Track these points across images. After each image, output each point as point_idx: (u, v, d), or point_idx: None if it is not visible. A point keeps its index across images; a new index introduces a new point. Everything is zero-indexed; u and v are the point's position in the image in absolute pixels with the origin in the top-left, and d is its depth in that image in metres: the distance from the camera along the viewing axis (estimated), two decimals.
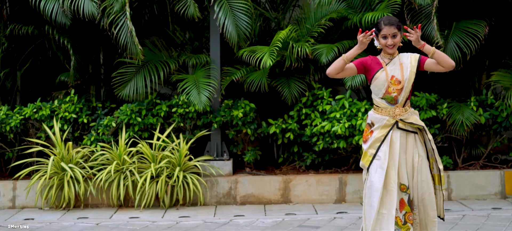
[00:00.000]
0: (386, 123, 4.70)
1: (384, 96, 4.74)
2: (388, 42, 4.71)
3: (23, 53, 8.69)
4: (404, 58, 4.79)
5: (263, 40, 8.44)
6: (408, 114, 4.72)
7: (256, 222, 6.90)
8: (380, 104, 4.76)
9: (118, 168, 7.62)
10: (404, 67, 4.72)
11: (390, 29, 4.69)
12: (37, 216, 7.36)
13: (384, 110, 4.74)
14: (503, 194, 7.80)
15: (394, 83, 4.68)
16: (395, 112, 4.70)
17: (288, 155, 8.34)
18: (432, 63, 4.74)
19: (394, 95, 4.69)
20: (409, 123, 4.70)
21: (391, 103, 4.72)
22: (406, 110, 4.71)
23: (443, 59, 4.63)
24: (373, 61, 4.82)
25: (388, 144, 4.68)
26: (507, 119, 7.86)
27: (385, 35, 4.71)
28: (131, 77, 8.05)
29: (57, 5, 7.87)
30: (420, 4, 7.63)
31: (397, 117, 4.69)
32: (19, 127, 8.01)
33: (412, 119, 4.72)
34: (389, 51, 4.76)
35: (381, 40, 4.73)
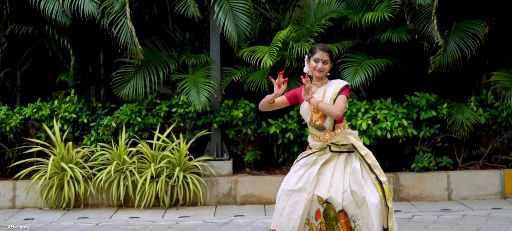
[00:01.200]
0: (318, 148, 4.84)
1: (310, 124, 4.85)
2: (318, 66, 4.76)
3: (23, 53, 8.69)
4: (331, 86, 4.84)
5: (263, 40, 8.44)
6: (340, 137, 4.79)
7: (256, 222, 6.90)
8: (312, 131, 4.88)
9: (118, 168, 7.63)
10: (326, 95, 4.78)
11: (323, 55, 4.76)
12: (37, 216, 7.36)
13: (315, 137, 4.86)
14: (503, 194, 7.80)
15: (316, 112, 4.78)
16: (325, 138, 4.80)
17: (288, 155, 8.34)
18: (338, 100, 4.78)
19: (319, 123, 4.79)
20: (341, 145, 4.79)
21: (319, 130, 4.82)
22: (337, 134, 4.78)
23: (326, 111, 4.68)
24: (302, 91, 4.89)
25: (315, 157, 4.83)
26: (507, 119, 7.86)
27: (317, 59, 4.77)
28: (130, 77, 8.05)
29: (57, 5, 7.87)
30: (420, 4, 7.62)
31: (328, 141, 4.80)
32: (19, 127, 8.01)
33: (344, 141, 4.79)
34: (317, 75, 4.80)
35: (312, 63, 4.79)
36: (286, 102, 4.94)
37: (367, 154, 4.76)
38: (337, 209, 4.71)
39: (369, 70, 7.67)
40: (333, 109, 4.66)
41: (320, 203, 4.74)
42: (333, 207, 4.72)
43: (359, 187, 4.69)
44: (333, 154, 4.81)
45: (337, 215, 4.71)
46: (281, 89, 4.75)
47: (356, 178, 4.71)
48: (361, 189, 4.68)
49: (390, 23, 8.09)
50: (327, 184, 4.75)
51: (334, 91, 4.76)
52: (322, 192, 4.75)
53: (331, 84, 4.84)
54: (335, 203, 4.69)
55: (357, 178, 4.71)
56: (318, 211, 4.77)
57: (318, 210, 4.76)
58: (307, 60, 4.85)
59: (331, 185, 4.74)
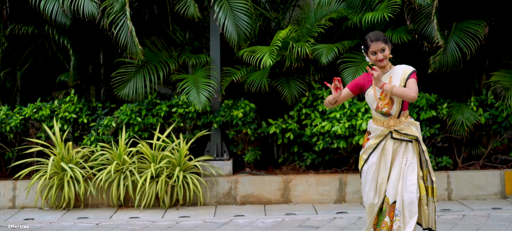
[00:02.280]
0: (380, 133, 4.88)
1: (376, 110, 4.90)
2: (378, 56, 4.81)
3: (23, 53, 8.69)
4: (396, 72, 4.87)
5: (263, 40, 8.44)
6: (404, 125, 4.85)
7: (256, 222, 6.90)
8: (375, 116, 4.94)
9: (118, 168, 7.62)
10: (392, 81, 4.82)
11: (377, 45, 4.79)
12: (37, 216, 7.36)
13: (379, 122, 4.91)
14: (503, 194, 7.80)
15: (383, 99, 4.84)
16: (389, 124, 4.86)
17: (288, 155, 8.34)
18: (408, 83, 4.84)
19: (385, 110, 4.84)
20: (404, 133, 4.84)
21: (385, 115, 4.87)
22: (401, 122, 4.84)
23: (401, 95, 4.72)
24: (366, 78, 4.98)
25: (380, 152, 4.89)
26: (507, 119, 7.86)
27: (374, 51, 4.81)
28: (130, 77, 8.05)
29: (57, 5, 7.87)
30: (420, 4, 7.62)
31: (391, 128, 4.85)
32: (19, 127, 8.01)
33: (407, 129, 4.84)
34: (381, 65, 4.85)
35: (371, 56, 4.84)
36: (350, 95, 5.02)
37: (426, 151, 4.87)
38: (391, 201, 4.81)
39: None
40: (408, 92, 4.69)
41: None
42: (387, 200, 4.83)
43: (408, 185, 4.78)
44: (395, 142, 4.85)
45: (389, 207, 4.81)
46: (338, 93, 4.81)
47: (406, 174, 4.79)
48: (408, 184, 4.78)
49: (390, 23, 8.09)
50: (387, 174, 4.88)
51: (401, 78, 4.80)
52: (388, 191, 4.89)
53: (396, 71, 4.86)
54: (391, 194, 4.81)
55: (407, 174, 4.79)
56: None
57: None
58: (365, 54, 4.90)
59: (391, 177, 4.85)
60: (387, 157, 4.89)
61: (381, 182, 4.89)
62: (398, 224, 4.80)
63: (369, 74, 4.92)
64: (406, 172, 4.82)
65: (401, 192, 4.81)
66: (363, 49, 4.91)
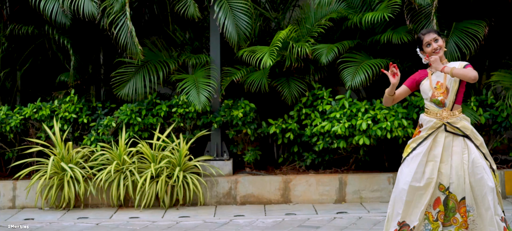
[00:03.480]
0: (433, 125, 4.87)
1: (431, 99, 4.92)
2: (433, 46, 4.89)
3: (23, 53, 8.69)
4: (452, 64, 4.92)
5: (263, 40, 8.44)
6: (457, 118, 4.86)
7: (256, 222, 6.90)
8: (429, 107, 4.94)
9: (118, 168, 7.63)
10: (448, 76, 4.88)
11: (430, 35, 4.90)
12: (37, 216, 7.36)
13: (432, 113, 4.91)
14: (503, 194, 7.80)
15: (439, 88, 4.88)
16: (442, 115, 4.87)
17: (288, 155, 8.34)
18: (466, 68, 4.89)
19: (441, 98, 4.86)
20: (456, 127, 4.84)
21: (439, 106, 4.89)
22: (454, 115, 4.86)
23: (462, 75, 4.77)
24: (421, 73, 5.05)
25: (430, 142, 4.86)
26: (507, 119, 7.86)
27: (428, 43, 4.90)
28: (130, 77, 8.05)
29: (57, 5, 7.87)
30: (420, 4, 7.63)
31: (444, 120, 4.86)
32: (19, 127, 8.01)
33: (460, 124, 4.84)
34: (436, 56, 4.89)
35: (426, 49, 4.92)
36: (408, 91, 5.06)
37: (481, 143, 4.85)
38: (459, 197, 4.76)
39: (369, 70, 7.67)
40: (469, 71, 4.73)
41: (442, 191, 4.79)
42: (454, 197, 4.77)
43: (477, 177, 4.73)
44: (448, 136, 4.83)
45: (458, 204, 4.75)
46: (396, 79, 4.85)
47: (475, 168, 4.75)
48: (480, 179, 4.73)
49: (390, 23, 8.09)
50: (448, 171, 4.81)
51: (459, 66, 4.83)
52: (444, 179, 4.80)
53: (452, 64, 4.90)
54: (458, 191, 4.75)
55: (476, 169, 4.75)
56: (437, 199, 4.80)
57: (438, 198, 4.80)
58: (419, 51, 4.98)
59: (452, 172, 4.79)
60: (437, 149, 4.84)
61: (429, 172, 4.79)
62: (473, 219, 4.76)
63: (423, 70, 5.03)
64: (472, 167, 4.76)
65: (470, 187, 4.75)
66: (417, 49, 4.99)
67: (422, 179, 4.79)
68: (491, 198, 4.72)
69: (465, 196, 4.75)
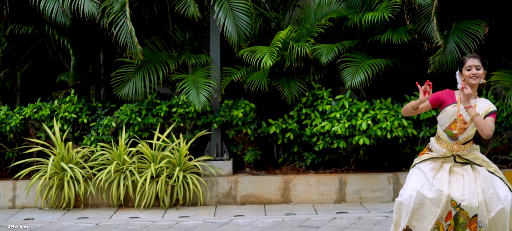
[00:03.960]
0: (442, 154, 4.82)
1: (446, 129, 4.83)
2: (473, 71, 4.73)
3: (23, 53, 8.69)
4: (481, 103, 4.81)
5: (263, 40, 8.44)
6: (467, 151, 4.81)
7: (256, 222, 6.90)
8: (441, 136, 4.86)
9: (118, 168, 7.63)
10: (477, 109, 4.72)
11: (474, 61, 4.74)
12: (37, 216, 7.36)
13: (443, 143, 4.84)
14: None
15: (461, 122, 4.75)
16: (453, 148, 4.80)
17: (288, 155, 8.34)
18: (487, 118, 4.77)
19: (455, 132, 4.78)
20: (466, 159, 4.81)
21: (451, 138, 4.81)
22: (466, 148, 4.79)
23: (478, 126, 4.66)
24: (449, 95, 4.89)
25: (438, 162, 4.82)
26: (507, 119, 7.86)
27: (469, 67, 4.75)
28: (130, 77, 8.05)
29: (57, 5, 7.88)
30: (420, 4, 7.63)
31: (454, 152, 4.80)
32: (19, 127, 8.01)
33: (470, 155, 4.81)
34: (472, 82, 4.74)
35: (465, 72, 4.76)
36: (429, 107, 4.94)
37: (495, 170, 4.80)
38: (470, 215, 4.67)
39: (369, 70, 7.67)
40: (486, 127, 4.61)
41: (453, 206, 4.69)
42: (465, 213, 4.68)
43: (491, 195, 4.67)
44: (457, 165, 4.80)
45: (469, 220, 4.67)
46: (426, 97, 4.74)
47: (487, 186, 4.69)
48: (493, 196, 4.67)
49: (390, 23, 8.09)
50: (461, 187, 4.73)
51: (484, 111, 4.72)
52: (456, 195, 4.70)
53: (481, 102, 4.80)
54: (470, 208, 4.65)
55: (488, 186, 4.69)
56: (449, 213, 4.71)
57: (449, 212, 4.71)
58: (459, 74, 4.82)
59: (464, 189, 4.71)
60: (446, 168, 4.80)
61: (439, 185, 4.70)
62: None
63: (452, 92, 4.88)
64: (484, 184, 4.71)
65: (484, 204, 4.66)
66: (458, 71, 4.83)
67: (430, 189, 4.69)
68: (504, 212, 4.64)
69: (478, 213, 4.67)
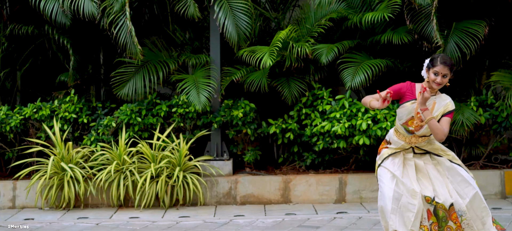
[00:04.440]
0: (400, 147, 4.84)
1: (403, 124, 4.81)
2: (437, 80, 4.67)
3: (23, 53, 8.69)
4: (441, 100, 4.78)
5: (263, 40, 8.44)
6: (425, 142, 4.82)
7: (256, 222, 6.90)
8: (399, 129, 4.86)
9: (118, 168, 7.63)
10: (435, 108, 4.72)
11: (443, 69, 4.66)
12: (37, 216, 7.36)
13: (401, 136, 4.85)
14: (503, 194, 7.80)
15: (418, 119, 4.72)
16: (411, 140, 4.81)
17: (288, 155, 8.34)
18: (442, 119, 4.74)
19: (412, 129, 4.77)
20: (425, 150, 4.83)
21: (408, 133, 4.81)
22: (424, 139, 4.80)
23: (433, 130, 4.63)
24: (410, 89, 4.85)
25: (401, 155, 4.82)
26: (507, 119, 7.86)
27: (436, 72, 4.68)
28: (130, 77, 8.05)
29: (57, 5, 7.88)
30: (420, 4, 7.63)
31: (412, 144, 4.81)
32: (19, 127, 8.01)
33: (429, 147, 4.83)
34: (434, 87, 4.73)
35: (431, 75, 4.70)
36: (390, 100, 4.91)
37: (453, 157, 4.83)
38: (447, 205, 4.68)
39: (369, 71, 7.67)
40: (440, 132, 4.59)
41: (429, 202, 4.69)
42: (442, 206, 4.69)
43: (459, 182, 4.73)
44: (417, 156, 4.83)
45: (448, 211, 4.69)
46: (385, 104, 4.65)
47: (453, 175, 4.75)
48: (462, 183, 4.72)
49: (390, 23, 8.09)
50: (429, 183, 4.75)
51: (442, 110, 4.71)
52: (427, 191, 4.71)
53: (441, 99, 4.77)
54: (444, 199, 4.68)
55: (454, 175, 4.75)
56: (429, 211, 4.71)
57: (428, 210, 4.71)
58: (426, 69, 4.77)
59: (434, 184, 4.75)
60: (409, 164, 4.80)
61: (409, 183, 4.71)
62: (467, 222, 4.69)
63: (413, 85, 4.85)
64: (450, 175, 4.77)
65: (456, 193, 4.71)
66: (426, 64, 4.77)
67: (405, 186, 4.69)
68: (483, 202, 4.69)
69: (453, 202, 4.69)
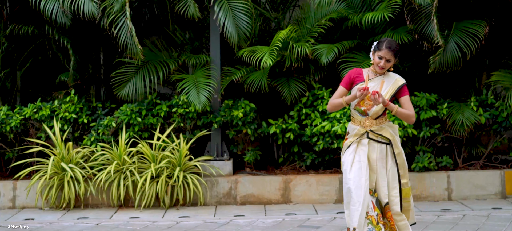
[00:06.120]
0: (356, 132, 4.94)
1: (355, 107, 4.95)
2: (381, 64, 4.85)
3: (23, 53, 8.69)
4: (389, 78, 4.94)
5: (263, 40, 8.44)
6: (381, 126, 4.92)
7: (256, 222, 6.90)
8: (354, 115, 5.00)
9: (118, 168, 7.63)
10: (384, 86, 4.89)
11: (387, 53, 4.82)
12: (37, 216, 7.36)
13: (356, 121, 4.98)
14: (503, 194, 7.80)
15: (368, 99, 4.87)
16: (365, 124, 4.92)
17: (288, 155, 8.34)
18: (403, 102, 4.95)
19: (364, 109, 4.90)
20: (379, 134, 4.90)
21: (362, 115, 4.93)
22: (378, 123, 4.91)
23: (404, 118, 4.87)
24: (356, 73, 5.02)
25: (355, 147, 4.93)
26: (507, 118, 7.86)
27: (381, 56, 4.85)
28: (130, 77, 8.05)
29: (57, 5, 7.87)
30: (420, 4, 7.63)
31: (367, 128, 4.92)
32: (19, 127, 8.01)
33: (383, 131, 4.91)
34: (378, 71, 4.91)
35: (376, 58, 4.88)
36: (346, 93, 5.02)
37: (399, 153, 4.92)
38: (383, 203, 4.88)
39: None
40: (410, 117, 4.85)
41: (371, 194, 4.87)
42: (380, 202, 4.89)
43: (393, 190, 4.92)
44: (371, 143, 4.90)
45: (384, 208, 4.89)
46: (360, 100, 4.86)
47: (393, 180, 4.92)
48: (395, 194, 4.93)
49: (390, 23, 8.09)
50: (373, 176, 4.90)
51: (392, 88, 4.88)
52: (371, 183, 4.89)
53: (389, 77, 4.93)
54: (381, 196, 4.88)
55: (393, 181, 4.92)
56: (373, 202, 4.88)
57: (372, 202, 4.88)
58: (372, 52, 4.93)
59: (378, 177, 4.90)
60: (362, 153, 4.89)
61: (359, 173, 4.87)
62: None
63: (360, 70, 5.01)
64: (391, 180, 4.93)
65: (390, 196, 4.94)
66: (373, 47, 4.93)
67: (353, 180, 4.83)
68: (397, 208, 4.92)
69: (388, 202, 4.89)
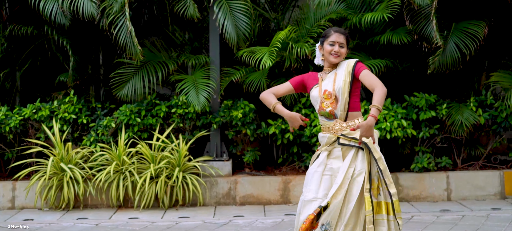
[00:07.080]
0: (327, 141, 4.28)
1: (319, 111, 4.34)
2: (335, 48, 4.29)
3: (22, 54, 8.69)
4: (341, 67, 4.32)
5: (262, 41, 8.44)
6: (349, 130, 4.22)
7: (255, 222, 6.90)
8: (321, 122, 4.37)
9: (118, 168, 7.63)
10: (337, 78, 4.28)
11: (339, 37, 4.30)
12: (36, 217, 7.36)
13: (325, 128, 4.33)
14: (502, 194, 7.80)
15: (327, 97, 4.27)
16: (335, 128, 4.26)
17: (287, 155, 8.34)
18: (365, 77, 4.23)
19: (329, 109, 4.26)
20: (352, 138, 4.19)
21: (329, 119, 4.29)
22: (348, 125, 4.24)
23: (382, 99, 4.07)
24: (311, 77, 4.47)
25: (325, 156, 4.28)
26: (506, 119, 7.86)
27: (332, 42, 4.30)
28: (129, 78, 8.05)
29: (57, 5, 7.88)
30: (420, 4, 7.63)
31: (338, 133, 4.24)
32: (19, 127, 8.01)
33: (356, 133, 4.17)
34: (332, 60, 4.31)
35: (327, 47, 4.31)
36: (292, 90, 4.51)
37: (380, 158, 4.14)
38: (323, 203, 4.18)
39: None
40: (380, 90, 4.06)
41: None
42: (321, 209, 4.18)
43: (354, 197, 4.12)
44: (343, 149, 4.21)
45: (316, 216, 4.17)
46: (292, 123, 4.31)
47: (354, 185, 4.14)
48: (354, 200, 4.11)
49: (389, 23, 8.09)
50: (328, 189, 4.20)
51: (346, 71, 4.24)
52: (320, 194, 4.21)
53: (340, 66, 4.31)
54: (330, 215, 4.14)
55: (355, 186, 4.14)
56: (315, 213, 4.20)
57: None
58: (319, 47, 4.39)
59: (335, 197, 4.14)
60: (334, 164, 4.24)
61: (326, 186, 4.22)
62: None
63: (315, 73, 4.45)
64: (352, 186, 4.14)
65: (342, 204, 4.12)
66: (319, 42, 4.40)
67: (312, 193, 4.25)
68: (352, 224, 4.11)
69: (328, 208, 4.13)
